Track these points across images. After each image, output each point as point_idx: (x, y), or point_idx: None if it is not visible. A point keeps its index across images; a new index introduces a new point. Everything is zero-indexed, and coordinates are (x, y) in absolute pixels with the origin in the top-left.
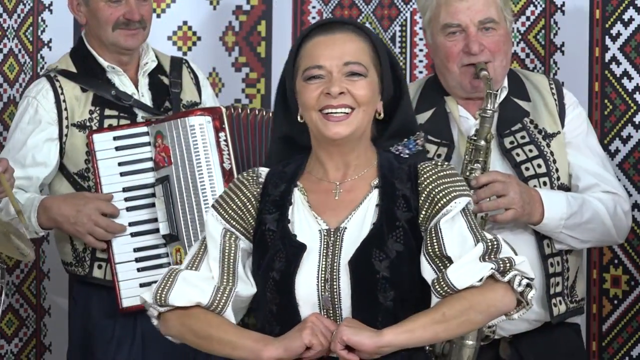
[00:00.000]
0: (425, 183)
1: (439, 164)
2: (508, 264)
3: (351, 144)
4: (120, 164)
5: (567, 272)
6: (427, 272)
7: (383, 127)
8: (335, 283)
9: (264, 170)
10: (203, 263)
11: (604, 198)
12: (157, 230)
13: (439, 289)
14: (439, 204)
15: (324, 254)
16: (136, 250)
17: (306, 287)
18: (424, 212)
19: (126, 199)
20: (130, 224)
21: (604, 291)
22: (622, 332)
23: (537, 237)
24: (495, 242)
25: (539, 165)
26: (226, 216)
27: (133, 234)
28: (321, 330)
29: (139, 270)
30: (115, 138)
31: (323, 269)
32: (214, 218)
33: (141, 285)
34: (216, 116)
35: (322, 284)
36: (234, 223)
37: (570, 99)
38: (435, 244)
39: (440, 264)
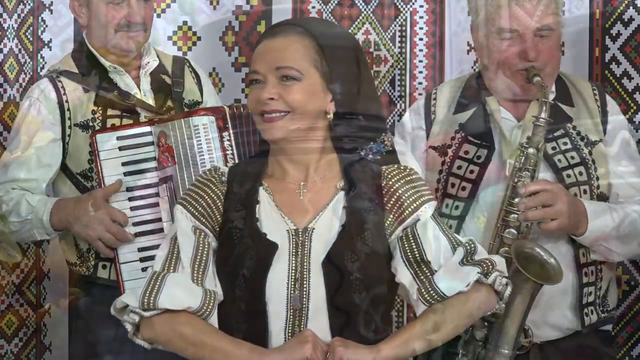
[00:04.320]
0: (394, 187)
1: (402, 168)
2: (490, 266)
3: (300, 145)
4: (123, 164)
5: (600, 281)
6: (405, 277)
7: (347, 125)
8: (305, 283)
9: (225, 169)
10: (179, 264)
11: None
12: (161, 230)
13: (427, 297)
14: (409, 209)
15: (294, 254)
16: (140, 250)
17: (276, 286)
18: (391, 217)
19: (130, 199)
20: (134, 224)
21: None
22: (622, 331)
23: (574, 246)
24: (472, 245)
25: (580, 173)
26: (196, 213)
27: (137, 234)
28: (321, 346)
29: (143, 270)
30: (118, 138)
31: (293, 269)
32: (183, 215)
33: None
34: (219, 116)
35: (292, 284)
36: (204, 220)
37: (613, 107)
38: (415, 249)
39: (418, 269)
